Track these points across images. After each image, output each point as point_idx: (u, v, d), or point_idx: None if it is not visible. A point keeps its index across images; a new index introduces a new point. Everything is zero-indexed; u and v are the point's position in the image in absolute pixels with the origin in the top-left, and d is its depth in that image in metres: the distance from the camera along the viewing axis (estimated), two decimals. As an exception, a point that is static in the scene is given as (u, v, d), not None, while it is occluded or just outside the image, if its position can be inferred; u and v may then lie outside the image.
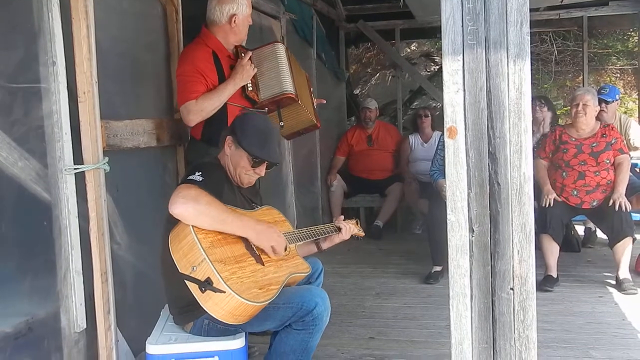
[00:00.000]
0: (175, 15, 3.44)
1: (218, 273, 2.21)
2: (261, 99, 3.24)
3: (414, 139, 6.44)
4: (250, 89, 3.20)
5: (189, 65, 3.08)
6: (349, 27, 7.55)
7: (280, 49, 3.35)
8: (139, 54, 3.20)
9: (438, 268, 4.55)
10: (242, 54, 3.23)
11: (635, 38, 8.74)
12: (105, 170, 2.53)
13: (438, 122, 6.59)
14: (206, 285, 2.22)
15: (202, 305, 2.26)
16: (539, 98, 5.56)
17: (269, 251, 2.47)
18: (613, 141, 4.39)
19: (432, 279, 4.52)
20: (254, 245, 2.46)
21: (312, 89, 3.68)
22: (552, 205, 4.31)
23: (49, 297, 2.36)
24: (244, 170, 2.61)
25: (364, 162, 6.50)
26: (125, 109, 2.98)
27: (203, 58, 3.11)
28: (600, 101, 4.94)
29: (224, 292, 2.21)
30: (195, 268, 2.25)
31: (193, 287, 2.27)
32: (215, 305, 2.24)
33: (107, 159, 2.54)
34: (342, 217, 3.01)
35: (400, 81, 7.97)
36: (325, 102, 3.97)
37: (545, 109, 5.44)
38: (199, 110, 3.03)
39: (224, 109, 3.11)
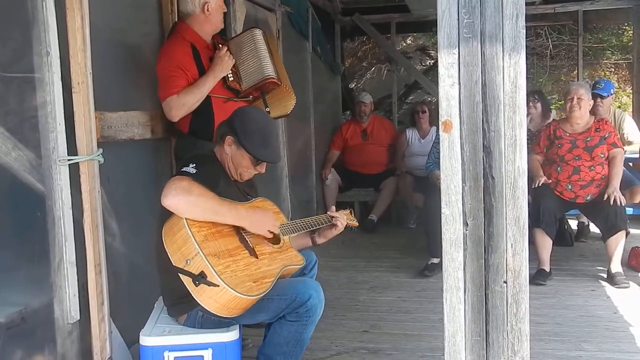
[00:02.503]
0: (170, 7, 3.43)
1: (212, 267, 2.21)
2: (244, 87, 3.22)
3: (411, 134, 6.42)
4: (231, 79, 3.18)
5: (169, 60, 3.06)
6: (345, 21, 7.54)
7: (258, 34, 3.31)
8: (134, 45, 3.19)
9: (435, 260, 4.52)
10: (220, 45, 3.20)
11: (629, 32, 8.77)
12: (99, 161, 2.53)
13: (436, 117, 6.54)
14: (200, 279, 2.22)
15: (196, 299, 2.26)
16: (533, 93, 5.56)
17: (266, 235, 2.51)
18: (607, 135, 4.40)
19: (428, 271, 4.51)
20: (248, 238, 2.47)
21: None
22: (541, 184, 4.33)
23: (43, 287, 2.36)
24: (245, 169, 2.63)
25: (359, 156, 6.50)
26: (119, 100, 2.97)
27: (182, 52, 3.08)
28: (595, 96, 4.97)
29: (218, 285, 2.21)
30: (189, 261, 2.25)
31: (187, 281, 2.26)
32: (209, 299, 2.24)
33: (101, 150, 2.53)
34: (334, 207, 3.01)
35: (396, 75, 7.97)
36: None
37: (539, 104, 5.45)
38: (180, 105, 3.01)
39: (208, 101, 3.09)
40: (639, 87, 6.91)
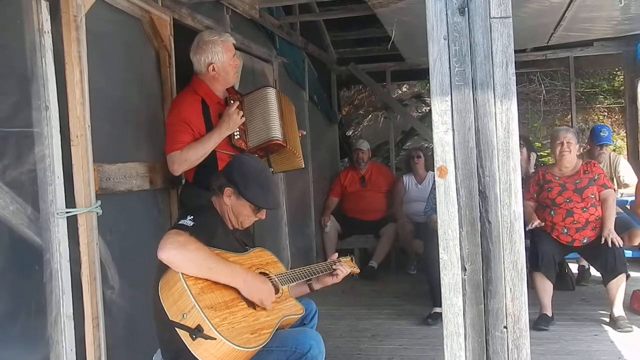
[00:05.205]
0: (168, 60, 3.49)
1: (208, 320, 2.19)
2: (249, 146, 3.22)
3: (408, 180, 6.44)
4: (237, 137, 3.18)
5: (177, 115, 3.10)
6: (341, 70, 7.66)
7: (271, 93, 3.32)
8: (132, 98, 3.23)
9: (438, 309, 4.44)
10: (231, 101, 3.22)
11: (620, 77, 8.91)
12: (97, 213, 2.53)
13: (432, 163, 6.59)
14: (197, 332, 2.19)
15: (193, 353, 2.23)
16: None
17: (258, 303, 2.41)
18: (596, 177, 4.43)
19: (432, 319, 4.44)
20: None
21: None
22: (535, 227, 4.33)
23: (39, 342, 2.33)
24: (246, 217, 2.62)
25: (358, 203, 6.50)
26: (118, 152, 2.99)
27: (190, 107, 3.12)
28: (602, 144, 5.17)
29: (215, 339, 2.18)
30: (185, 315, 2.22)
31: (184, 335, 2.23)
32: (207, 352, 2.21)
33: (99, 202, 2.54)
34: (337, 254, 2.99)
35: (392, 122, 8.05)
36: (304, 133, 3.82)
37: (525, 150, 5.47)
38: (183, 160, 3.04)
39: (213, 156, 3.11)
40: (633, 131, 6.98)
